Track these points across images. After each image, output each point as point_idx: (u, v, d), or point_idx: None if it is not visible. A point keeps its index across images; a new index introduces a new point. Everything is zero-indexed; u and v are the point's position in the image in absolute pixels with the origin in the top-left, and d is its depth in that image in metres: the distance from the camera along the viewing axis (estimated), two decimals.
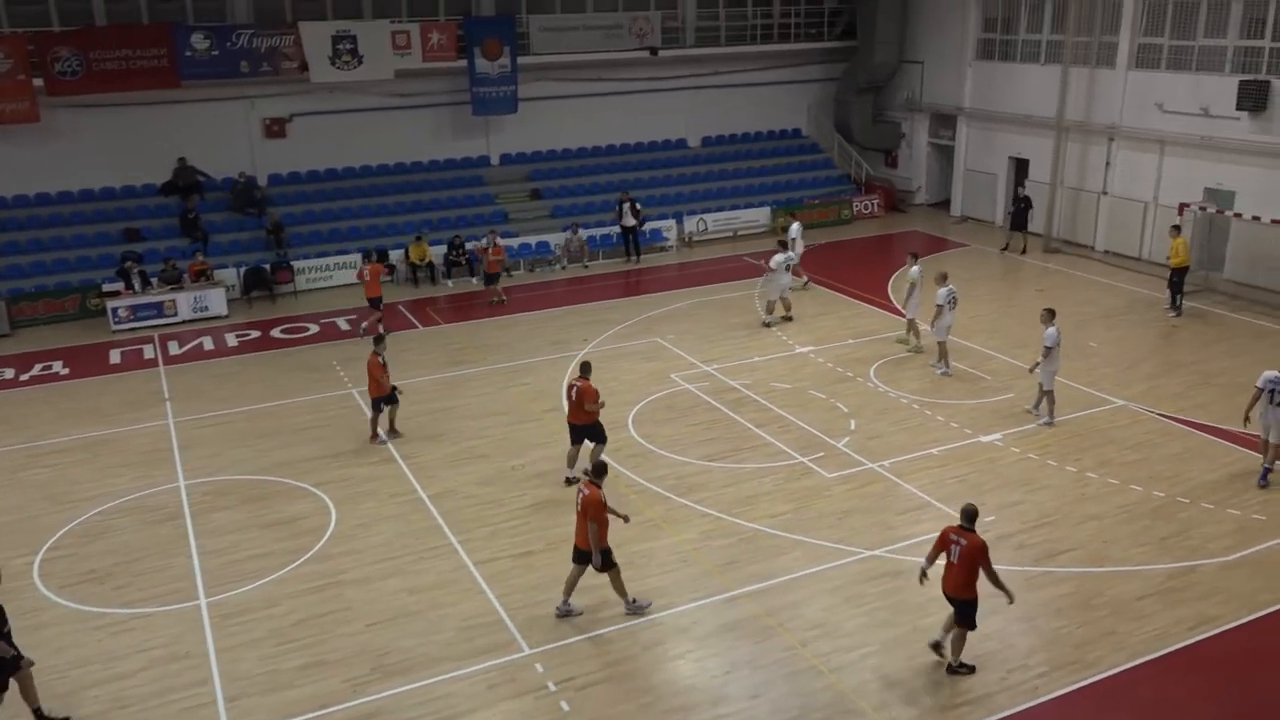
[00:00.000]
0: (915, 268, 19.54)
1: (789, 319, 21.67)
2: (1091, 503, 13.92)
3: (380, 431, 16.34)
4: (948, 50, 31.35)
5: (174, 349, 21.22)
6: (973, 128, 31.03)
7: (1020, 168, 29.73)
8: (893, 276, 24.97)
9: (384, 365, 16.00)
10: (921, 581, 10.66)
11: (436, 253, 26.13)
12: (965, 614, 10.45)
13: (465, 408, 17.67)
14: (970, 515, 10.29)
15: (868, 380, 18.51)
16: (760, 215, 30.38)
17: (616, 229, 27.72)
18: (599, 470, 11.39)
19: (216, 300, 23.44)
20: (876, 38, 32.22)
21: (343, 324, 22.75)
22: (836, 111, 34.26)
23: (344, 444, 16.35)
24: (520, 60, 28.42)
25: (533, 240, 27.40)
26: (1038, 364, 16.40)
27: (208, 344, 21.59)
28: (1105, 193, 26.91)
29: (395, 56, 27.03)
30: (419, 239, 25.86)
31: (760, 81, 33.20)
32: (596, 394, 14.37)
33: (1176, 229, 21.94)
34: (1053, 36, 28.03)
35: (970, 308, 22.11)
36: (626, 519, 11.74)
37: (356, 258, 25.66)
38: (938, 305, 18.31)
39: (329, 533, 13.63)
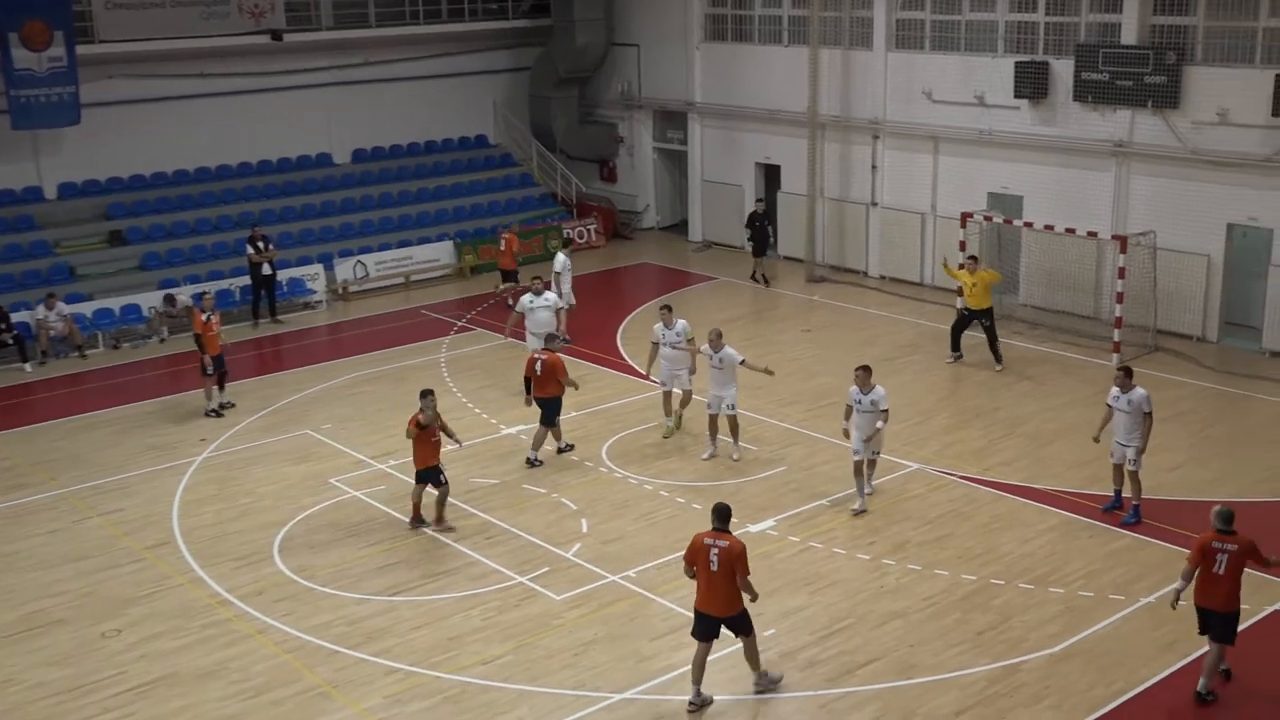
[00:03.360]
0: (682, 322, 19.67)
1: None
2: (891, 597, 14.84)
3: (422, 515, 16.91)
4: (669, 30, 33.15)
5: None
6: (708, 128, 32.84)
7: (770, 176, 31.74)
8: (621, 327, 25.78)
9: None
10: (1175, 606, 12.48)
11: None
12: (1230, 628, 12.41)
13: (24, 555, 16.55)
14: (1228, 517, 12.30)
15: (599, 464, 18.89)
16: (441, 252, 30.65)
17: (244, 281, 26.98)
18: (725, 515, 12.56)
19: None
20: (576, 14, 33.58)
21: None
22: (532, 111, 35.25)
23: None
24: (81, 50, 27.35)
25: (115, 304, 26.16)
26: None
27: None
28: (875, 204, 29.23)
29: None
30: None
31: (428, 74, 33.64)
32: (564, 367, 18.35)
33: (974, 260, 23.36)
34: (795, 11, 30.32)
35: None
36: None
37: None
38: (740, 362, 18.52)
39: None
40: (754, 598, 12.63)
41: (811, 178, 29.67)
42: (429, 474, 16.68)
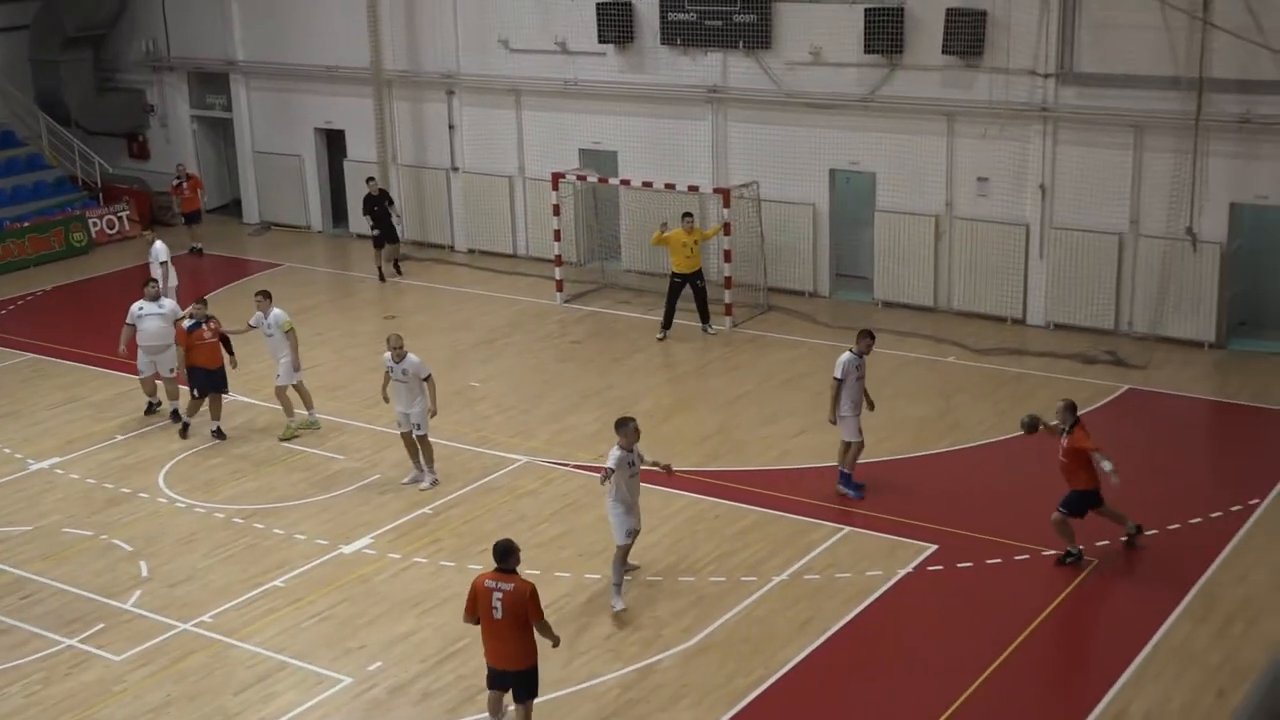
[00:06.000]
0: (277, 312, 19.64)
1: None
2: None
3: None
4: None
5: None
6: (256, 90, 32.25)
7: (334, 142, 31.50)
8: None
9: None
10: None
11: None
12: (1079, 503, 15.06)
13: None
14: (1071, 407, 14.99)
15: (158, 493, 18.38)
16: None
17: None
18: (507, 553, 12.02)
19: None
20: None
21: None
22: (36, 78, 33.84)
23: None
24: None
25: None
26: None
27: None
28: (456, 168, 29.55)
29: None
30: None
31: None
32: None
33: (690, 216, 23.73)
34: None
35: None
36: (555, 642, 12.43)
37: None
38: (425, 379, 17.88)
39: None
40: (555, 643, 12.41)
41: (381, 142, 29.72)
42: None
